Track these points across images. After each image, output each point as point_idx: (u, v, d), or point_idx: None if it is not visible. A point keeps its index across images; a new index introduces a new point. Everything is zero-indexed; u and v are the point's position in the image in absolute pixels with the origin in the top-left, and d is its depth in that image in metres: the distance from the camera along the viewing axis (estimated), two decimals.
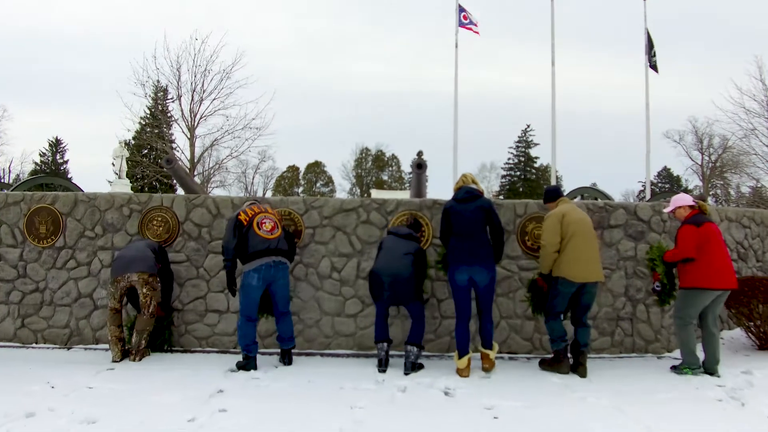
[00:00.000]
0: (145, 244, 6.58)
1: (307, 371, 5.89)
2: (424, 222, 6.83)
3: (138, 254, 6.39)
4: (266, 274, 6.01)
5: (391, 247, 6.09)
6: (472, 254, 5.85)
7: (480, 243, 5.93)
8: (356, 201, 6.97)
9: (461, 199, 6.03)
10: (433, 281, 6.81)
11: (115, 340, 6.37)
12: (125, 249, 6.63)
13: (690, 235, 5.95)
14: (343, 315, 6.84)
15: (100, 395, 5.10)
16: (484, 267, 5.85)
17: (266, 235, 6.13)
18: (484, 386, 5.45)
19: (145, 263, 6.35)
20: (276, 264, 6.05)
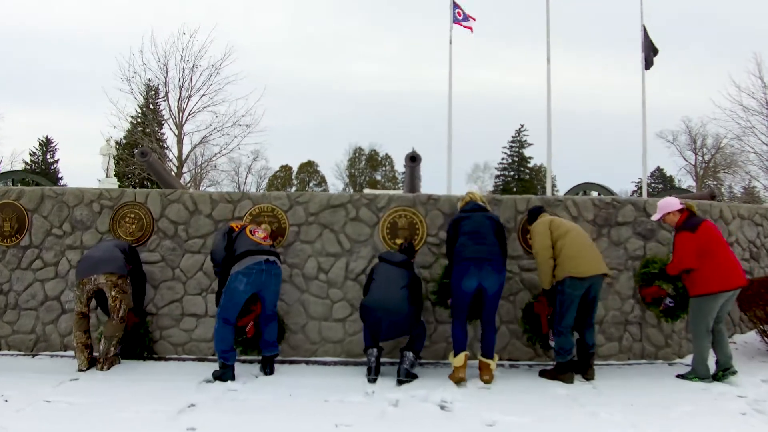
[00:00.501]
0: (113, 244, 6.04)
1: (290, 382, 5.34)
2: (418, 219, 6.31)
3: (106, 254, 5.85)
4: (257, 280, 5.48)
5: (385, 278, 5.56)
6: (482, 251, 5.38)
7: (491, 243, 5.48)
8: (345, 196, 6.43)
9: (470, 210, 5.65)
10: (428, 282, 6.28)
11: (81, 347, 5.79)
12: (92, 249, 6.10)
13: (688, 244, 5.51)
14: (331, 319, 6.30)
15: (57, 410, 4.55)
16: (494, 269, 5.37)
17: (258, 240, 5.67)
18: (484, 398, 4.92)
19: (113, 264, 5.80)
20: (269, 269, 5.52)
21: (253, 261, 5.46)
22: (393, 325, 5.46)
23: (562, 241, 5.52)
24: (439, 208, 6.35)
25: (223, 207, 6.46)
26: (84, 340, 5.81)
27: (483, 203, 5.78)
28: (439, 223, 6.34)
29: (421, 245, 6.29)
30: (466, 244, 5.44)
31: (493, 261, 5.37)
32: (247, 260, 5.46)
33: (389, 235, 6.30)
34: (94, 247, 6.14)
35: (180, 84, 21.64)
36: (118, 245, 6.03)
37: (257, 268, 5.45)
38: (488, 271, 5.33)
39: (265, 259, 5.51)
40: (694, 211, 5.76)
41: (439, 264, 6.28)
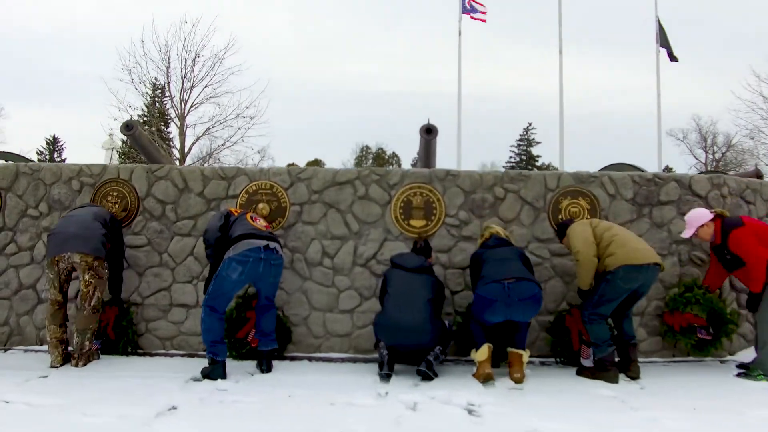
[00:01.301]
0: (92, 214, 5.20)
1: (290, 381, 4.55)
2: (435, 197, 5.52)
3: (81, 229, 5.01)
4: (253, 270, 4.69)
5: (403, 291, 4.79)
6: (511, 270, 4.62)
7: (520, 266, 4.73)
8: (352, 172, 5.65)
9: (492, 245, 4.90)
10: (446, 269, 5.50)
11: (55, 343, 5.01)
12: (66, 219, 5.23)
13: (750, 240, 4.84)
14: (337, 310, 5.52)
15: (14, 413, 3.77)
16: (531, 300, 4.58)
17: (259, 226, 4.91)
18: (518, 401, 4.12)
19: (90, 243, 4.98)
20: (268, 257, 4.72)
21: (251, 246, 4.67)
22: (416, 347, 4.70)
23: (609, 233, 4.82)
24: (458, 184, 5.56)
25: (216, 184, 5.69)
26: (59, 334, 5.04)
27: (506, 237, 5.03)
28: (458, 201, 5.55)
29: (438, 227, 5.51)
30: (491, 269, 4.68)
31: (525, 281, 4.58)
32: (244, 244, 4.68)
33: (403, 215, 5.51)
34: (68, 216, 5.27)
35: (182, 75, 20.91)
36: (97, 215, 5.20)
37: (254, 255, 4.66)
38: (518, 308, 4.56)
39: (264, 245, 4.72)
40: (726, 214, 5.11)
41: (459, 248, 5.50)
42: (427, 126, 5.70)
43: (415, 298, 4.70)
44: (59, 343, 5.02)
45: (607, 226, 4.92)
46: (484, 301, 4.58)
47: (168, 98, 23.02)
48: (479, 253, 4.93)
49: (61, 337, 5.05)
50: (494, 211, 5.55)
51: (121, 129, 5.98)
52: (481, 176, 5.58)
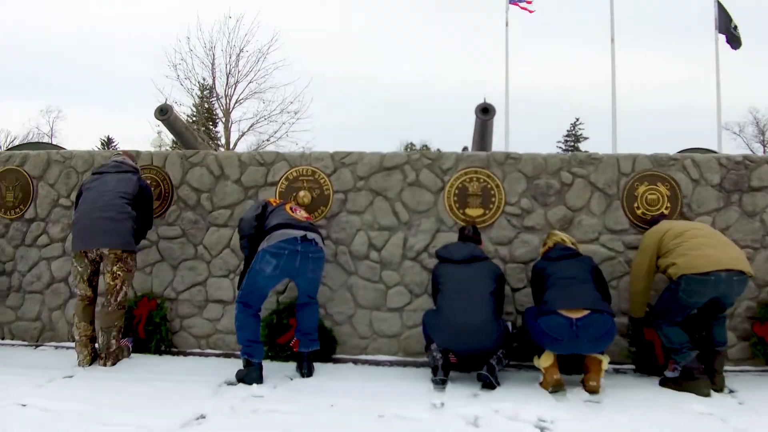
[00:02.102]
0: (116, 191, 4.60)
1: (333, 387, 4.01)
2: (493, 183, 4.89)
3: (108, 219, 4.50)
4: (288, 264, 4.14)
5: (459, 288, 4.16)
6: (581, 298, 3.94)
7: (592, 290, 4.05)
8: (401, 156, 5.06)
9: (557, 257, 4.23)
10: (506, 263, 4.87)
11: (84, 341, 4.57)
12: (88, 202, 4.62)
13: None
14: (385, 309, 4.96)
15: (26, 420, 3.35)
16: (604, 338, 3.91)
17: (298, 216, 4.38)
18: (596, 418, 3.47)
19: (119, 236, 4.51)
20: (305, 250, 4.17)
21: (286, 237, 4.14)
22: (477, 350, 4.11)
23: (678, 239, 4.14)
24: (520, 169, 4.92)
25: (254, 170, 5.19)
26: (89, 332, 4.60)
27: (573, 246, 4.36)
28: (520, 188, 4.91)
29: (497, 216, 4.89)
30: (555, 293, 4.02)
31: (594, 317, 3.86)
32: (278, 235, 4.16)
33: (457, 203, 4.91)
34: (90, 192, 4.66)
35: (227, 71, 20.77)
36: (123, 190, 4.60)
37: (290, 247, 4.12)
38: (587, 343, 3.89)
39: (301, 235, 4.18)
40: None
41: (520, 240, 4.86)
42: (483, 105, 5.08)
43: (472, 293, 4.09)
44: (89, 342, 4.60)
45: (679, 231, 4.20)
46: (547, 337, 3.91)
47: (215, 99, 22.99)
48: (541, 266, 4.28)
49: (91, 335, 4.62)
50: (560, 198, 4.89)
51: (155, 114, 5.56)
52: (546, 159, 4.92)
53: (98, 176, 4.76)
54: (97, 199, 4.58)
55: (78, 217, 4.63)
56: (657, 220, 4.53)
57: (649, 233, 4.41)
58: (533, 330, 4.01)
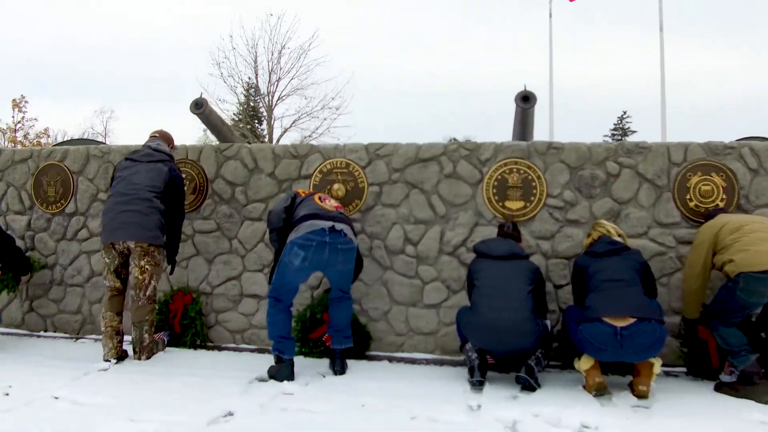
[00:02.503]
0: (145, 183, 4.50)
1: (365, 386, 3.85)
2: (534, 174, 4.64)
3: (135, 212, 4.43)
4: (317, 256, 3.98)
5: (495, 283, 3.92)
6: (628, 304, 3.62)
7: (639, 294, 3.71)
8: (438, 147, 4.86)
9: (602, 253, 3.90)
10: (548, 259, 4.63)
11: (110, 333, 4.49)
12: (117, 195, 4.53)
13: None
14: (421, 305, 4.78)
15: (56, 413, 3.31)
16: (652, 347, 3.57)
17: (327, 206, 4.23)
18: (645, 424, 3.20)
19: (145, 229, 4.44)
20: (333, 241, 4.01)
21: (314, 228, 3.99)
22: (515, 351, 3.87)
23: (735, 235, 3.81)
24: (563, 159, 4.65)
25: (288, 163, 5.08)
26: (114, 323, 4.53)
27: (621, 238, 4.03)
28: (562, 179, 4.64)
29: (538, 209, 4.64)
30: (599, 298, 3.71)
31: (642, 326, 3.54)
32: (306, 226, 4.01)
33: (496, 195, 4.68)
34: (122, 192, 4.52)
35: (269, 68, 20.90)
36: (152, 182, 4.49)
37: (317, 239, 3.96)
38: (633, 353, 3.59)
39: (330, 226, 4.01)
40: None
41: (563, 234, 4.60)
42: (523, 93, 4.82)
43: (511, 291, 3.84)
44: (115, 334, 4.50)
45: (736, 226, 3.87)
46: (590, 345, 3.63)
47: (260, 97, 23.17)
48: (584, 264, 3.96)
49: (117, 327, 4.53)
50: (606, 190, 4.60)
51: (190, 108, 5.50)
52: (590, 149, 4.63)
53: (130, 164, 4.65)
54: (125, 191, 4.51)
55: (106, 209, 4.58)
56: (713, 213, 4.20)
57: (704, 228, 4.09)
58: (574, 334, 3.74)
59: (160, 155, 4.70)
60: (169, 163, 4.70)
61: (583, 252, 4.15)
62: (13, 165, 5.79)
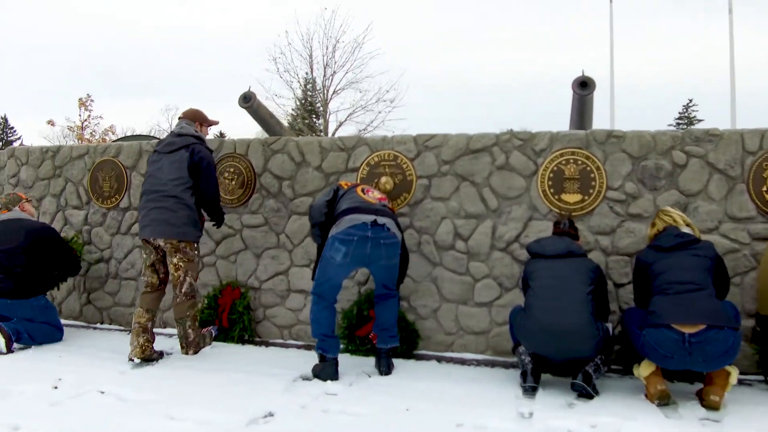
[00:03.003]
0: (172, 176, 4.36)
1: (411, 388, 3.67)
2: (593, 165, 4.33)
3: (162, 209, 4.32)
4: (359, 251, 3.81)
5: (550, 284, 3.62)
6: (698, 309, 3.25)
7: (711, 298, 3.34)
8: (489, 137, 4.60)
9: (669, 247, 3.52)
10: (608, 255, 4.32)
11: (137, 330, 4.30)
12: (147, 190, 4.46)
13: None
14: (472, 303, 4.56)
15: (100, 407, 3.30)
16: (724, 356, 3.22)
17: (370, 199, 4.05)
18: None
19: (173, 225, 4.32)
20: (376, 236, 3.82)
21: (355, 222, 3.81)
22: (573, 358, 3.58)
23: None
24: (624, 149, 4.32)
25: (335, 156, 4.94)
26: (143, 320, 4.34)
27: (689, 229, 3.64)
28: (624, 170, 4.30)
29: (597, 203, 4.33)
30: (664, 304, 3.35)
31: (712, 333, 3.18)
32: (347, 220, 3.84)
33: (552, 188, 4.40)
34: (150, 189, 4.44)
35: (324, 62, 20.96)
36: (178, 178, 4.34)
37: (359, 234, 3.78)
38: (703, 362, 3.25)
39: (372, 220, 3.81)
40: None
41: (625, 229, 4.27)
42: (581, 78, 4.51)
43: (568, 293, 3.53)
44: (142, 332, 4.30)
45: None
46: (655, 352, 3.31)
47: (319, 92, 23.32)
48: (648, 261, 3.57)
49: (145, 325, 4.33)
50: (672, 181, 4.24)
51: (239, 101, 5.45)
52: (654, 137, 4.28)
53: (156, 157, 4.54)
54: (152, 188, 4.43)
55: (140, 206, 4.53)
56: None
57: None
58: (637, 339, 3.42)
59: (183, 140, 4.49)
60: (193, 146, 4.45)
61: (647, 245, 3.81)
62: (71, 161, 5.90)
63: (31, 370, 4.04)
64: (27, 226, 4.88)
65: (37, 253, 4.77)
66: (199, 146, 4.50)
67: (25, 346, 4.67)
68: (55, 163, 5.97)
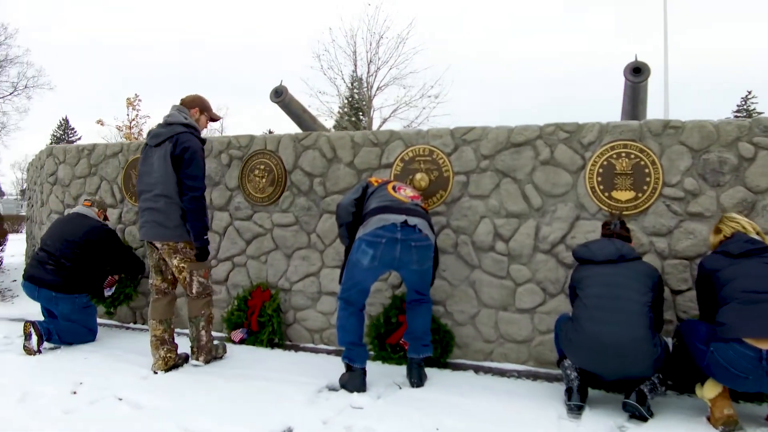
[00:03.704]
0: (160, 180, 3.94)
1: (445, 402, 3.35)
2: (647, 159, 3.91)
3: (154, 210, 3.98)
4: (387, 254, 3.49)
5: (602, 293, 3.20)
6: None
7: None
8: (532, 129, 4.23)
9: (739, 254, 3.10)
10: (665, 259, 3.89)
11: (155, 344, 4.04)
12: (140, 195, 4.12)
13: None
14: (513, 309, 4.21)
15: (113, 416, 3.12)
16: None
17: (401, 197, 3.73)
18: None
19: (166, 227, 3.96)
20: (406, 238, 3.48)
21: (383, 223, 3.48)
22: (626, 377, 3.17)
23: None
24: (683, 141, 3.89)
25: (367, 152, 4.66)
26: (158, 332, 4.06)
27: (759, 237, 3.20)
28: (683, 164, 3.86)
29: (652, 200, 3.91)
30: (736, 314, 2.90)
31: None
32: (376, 220, 3.52)
33: (602, 184, 4.00)
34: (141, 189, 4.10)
35: (368, 58, 20.75)
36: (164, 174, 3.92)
37: (388, 235, 3.46)
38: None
39: (402, 221, 3.48)
40: None
41: (683, 230, 3.84)
42: (634, 64, 4.10)
43: (622, 302, 3.11)
44: (160, 344, 4.04)
45: None
46: (724, 372, 2.88)
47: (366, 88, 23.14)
48: (714, 268, 3.14)
49: (162, 337, 4.06)
50: (738, 177, 3.77)
51: (270, 96, 5.25)
52: (718, 128, 3.82)
53: (147, 152, 4.12)
54: (143, 188, 4.09)
55: (141, 202, 4.15)
56: None
57: None
58: (701, 356, 2.99)
59: (169, 130, 4.02)
60: (179, 135, 3.96)
61: (711, 251, 3.38)
62: (106, 159, 5.83)
63: (55, 372, 3.94)
64: (87, 223, 4.90)
65: (90, 250, 4.75)
66: (186, 135, 3.97)
67: (54, 346, 4.60)
68: (91, 161, 5.91)
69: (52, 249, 4.74)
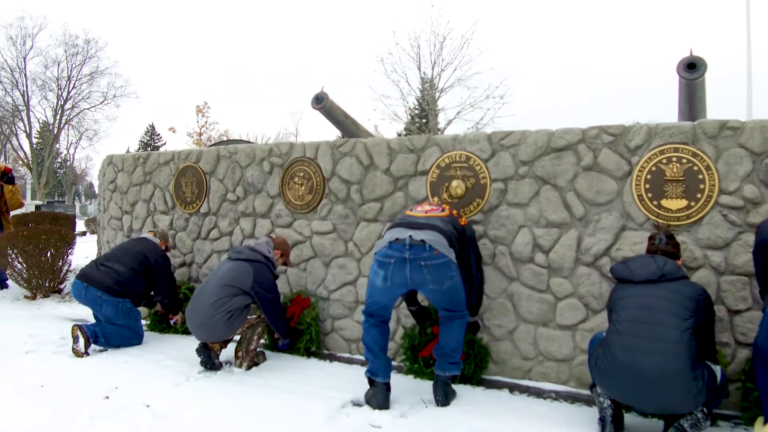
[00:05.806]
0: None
1: (471, 425, 3.13)
2: (701, 164, 3.53)
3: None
4: (397, 274, 3.32)
5: (638, 317, 2.84)
6: None
7: None
8: (574, 133, 3.92)
9: None
10: (720, 276, 3.51)
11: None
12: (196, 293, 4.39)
13: None
14: (553, 325, 3.93)
15: (135, 427, 3.13)
16: None
17: (415, 213, 3.60)
18: None
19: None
20: (415, 257, 3.27)
21: (392, 239, 3.34)
22: (663, 410, 2.82)
23: None
24: (742, 143, 3.48)
25: (404, 158, 4.50)
26: None
27: None
28: (741, 170, 3.46)
29: (707, 210, 3.53)
30: None
31: None
32: (388, 236, 3.40)
33: (650, 192, 3.65)
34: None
35: (432, 60, 20.54)
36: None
37: (396, 255, 3.28)
38: None
39: (408, 237, 3.28)
40: None
41: (742, 243, 3.43)
42: (688, 59, 3.71)
43: (659, 328, 2.74)
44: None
45: None
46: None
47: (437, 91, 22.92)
48: None
49: None
50: None
51: (311, 103, 5.19)
52: None
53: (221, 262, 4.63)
54: (197, 292, 4.41)
55: None
56: None
57: None
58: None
59: (252, 255, 4.40)
60: (258, 270, 4.32)
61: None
62: (159, 167, 5.96)
63: (94, 376, 4.01)
64: (149, 244, 5.16)
65: (143, 264, 4.97)
66: (264, 271, 4.33)
67: (102, 348, 4.73)
68: (145, 169, 6.07)
69: (110, 255, 5.02)
